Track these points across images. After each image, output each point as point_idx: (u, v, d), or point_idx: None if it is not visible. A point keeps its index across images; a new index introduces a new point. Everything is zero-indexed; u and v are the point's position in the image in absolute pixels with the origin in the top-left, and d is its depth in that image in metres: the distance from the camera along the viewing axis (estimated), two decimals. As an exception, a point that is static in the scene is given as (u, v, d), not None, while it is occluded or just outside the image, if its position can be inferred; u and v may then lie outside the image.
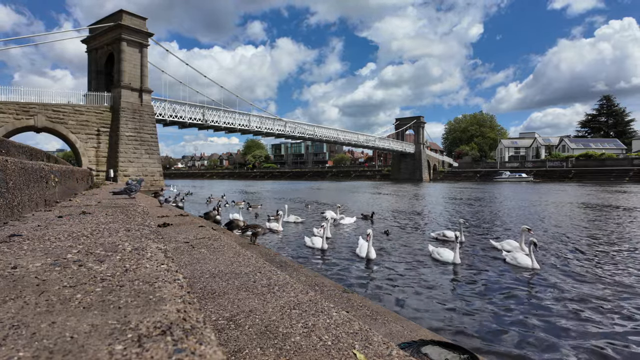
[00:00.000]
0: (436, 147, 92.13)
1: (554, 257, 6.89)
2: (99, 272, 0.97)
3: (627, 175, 50.33)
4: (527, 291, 5.05)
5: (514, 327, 3.85)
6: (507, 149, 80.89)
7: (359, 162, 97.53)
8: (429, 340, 2.18)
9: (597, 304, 4.53)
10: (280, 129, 41.51)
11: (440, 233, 8.60)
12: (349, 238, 8.88)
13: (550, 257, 6.89)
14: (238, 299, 1.75)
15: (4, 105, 22.19)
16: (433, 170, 70.20)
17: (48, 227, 1.75)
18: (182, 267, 2.34)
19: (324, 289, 3.26)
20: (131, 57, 28.21)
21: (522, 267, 6.06)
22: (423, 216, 14.04)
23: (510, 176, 57.91)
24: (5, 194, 1.91)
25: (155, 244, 1.36)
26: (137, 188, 4.05)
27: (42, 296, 0.77)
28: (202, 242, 3.28)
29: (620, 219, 12.50)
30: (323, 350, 1.25)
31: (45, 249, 1.25)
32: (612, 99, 76.99)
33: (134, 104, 28.05)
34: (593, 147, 66.66)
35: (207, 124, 34.13)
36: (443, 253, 6.37)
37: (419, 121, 67.90)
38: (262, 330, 1.39)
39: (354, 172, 79.26)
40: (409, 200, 22.08)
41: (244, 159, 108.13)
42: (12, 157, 2.36)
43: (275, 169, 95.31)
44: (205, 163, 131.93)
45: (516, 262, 6.24)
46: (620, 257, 6.91)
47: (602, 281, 5.47)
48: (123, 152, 26.76)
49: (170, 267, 1.04)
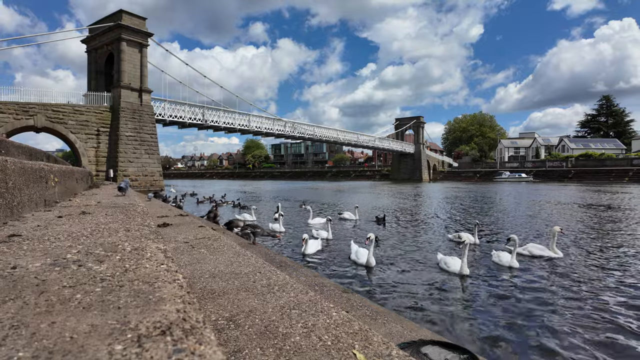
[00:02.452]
0: (436, 147, 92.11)
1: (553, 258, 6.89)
2: (98, 272, 0.97)
3: (627, 175, 50.34)
4: (527, 291, 5.05)
5: (514, 328, 3.85)
6: (506, 149, 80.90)
7: (358, 162, 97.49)
8: (428, 340, 2.18)
9: (597, 302, 4.53)
10: (280, 129, 41.48)
11: (456, 235, 8.53)
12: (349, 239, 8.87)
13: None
14: (238, 299, 1.75)
15: (3, 105, 22.16)
16: (433, 170, 70.19)
17: (48, 227, 1.75)
18: (181, 267, 2.34)
19: (323, 289, 3.26)
20: (131, 57, 28.18)
21: (502, 265, 6.20)
22: (427, 217, 14.04)
23: (510, 176, 57.91)
24: (4, 194, 1.90)
25: (155, 244, 1.36)
26: (127, 186, 5.01)
27: (42, 296, 0.77)
28: (202, 242, 3.28)
29: (631, 220, 12.51)
30: (323, 351, 1.25)
31: (45, 249, 1.25)
32: (612, 99, 77.00)
33: (133, 104, 28.03)
34: (593, 147, 66.66)
35: (207, 124, 34.09)
36: (450, 262, 5.88)
37: (419, 121, 67.88)
38: (262, 331, 1.39)
39: (354, 172, 79.24)
40: (411, 201, 22.07)
41: (243, 159, 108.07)
42: (11, 157, 2.36)
43: (275, 169, 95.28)
44: (205, 163, 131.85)
45: (499, 260, 6.29)
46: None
47: (608, 283, 5.47)
48: (123, 152, 26.75)
49: (170, 267, 1.03)
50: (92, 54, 30.67)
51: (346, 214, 12.75)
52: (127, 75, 27.86)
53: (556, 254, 6.71)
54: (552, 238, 6.90)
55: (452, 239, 8.56)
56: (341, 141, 52.89)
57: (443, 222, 12.48)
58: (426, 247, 8.08)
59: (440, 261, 6.12)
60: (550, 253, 6.73)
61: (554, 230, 6.97)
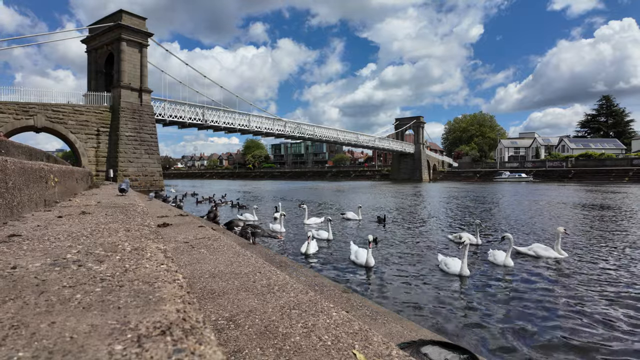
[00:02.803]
0: (436, 147, 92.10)
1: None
2: (98, 272, 0.97)
3: (627, 175, 50.34)
4: (527, 292, 5.05)
5: (514, 327, 3.85)
6: (506, 149, 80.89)
7: (358, 162, 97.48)
8: (428, 340, 2.18)
9: (597, 302, 4.53)
10: (279, 129, 41.47)
11: (457, 235, 8.51)
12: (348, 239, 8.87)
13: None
14: (238, 299, 1.75)
15: (3, 105, 22.15)
16: (433, 170, 70.18)
17: (48, 227, 1.75)
18: (181, 267, 2.34)
19: (323, 289, 3.26)
20: (131, 57, 28.18)
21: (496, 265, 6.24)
22: (427, 217, 14.04)
23: (510, 176, 57.90)
24: (4, 194, 1.90)
25: (155, 244, 1.36)
26: (127, 186, 5.29)
27: (42, 296, 0.77)
28: (202, 242, 3.28)
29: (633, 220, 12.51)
30: (323, 351, 1.25)
31: (45, 249, 1.25)
32: (612, 99, 76.96)
33: (133, 104, 28.02)
34: (592, 147, 66.66)
35: (207, 124, 34.08)
36: (450, 264, 5.85)
37: (419, 121, 67.87)
38: (262, 331, 1.39)
39: (354, 172, 79.22)
40: (410, 201, 22.08)
41: (243, 159, 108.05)
42: (11, 157, 2.36)
43: (275, 169, 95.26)
44: (204, 163, 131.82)
45: (494, 259, 6.34)
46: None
47: (612, 283, 5.47)
48: (123, 152, 26.75)
49: (170, 267, 1.04)
50: (92, 54, 30.67)
51: (349, 213, 12.69)
52: (127, 75, 27.86)
53: (560, 255, 6.73)
54: (557, 239, 6.89)
55: (452, 240, 8.55)
56: (341, 141, 52.87)
57: (443, 222, 12.48)
58: (426, 247, 8.07)
59: (441, 262, 6.08)
60: (555, 253, 6.75)
61: (558, 230, 6.96)
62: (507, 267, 6.10)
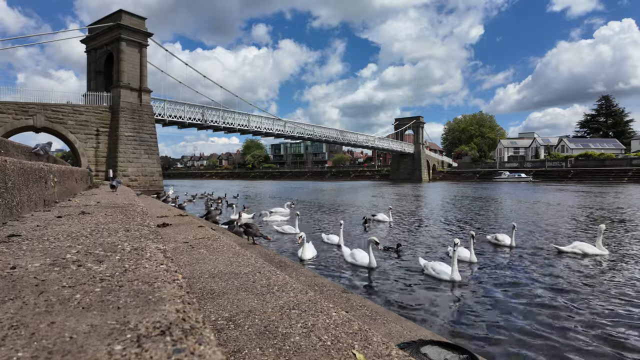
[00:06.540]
0: (435, 147, 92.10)
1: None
2: (98, 272, 0.97)
3: (626, 175, 50.37)
4: (528, 292, 5.05)
5: (514, 328, 3.86)
6: (506, 149, 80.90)
7: (358, 162, 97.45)
8: (428, 340, 2.18)
9: (600, 302, 4.54)
10: (279, 129, 41.46)
11: (494, 236, 8.43)
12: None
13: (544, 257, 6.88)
14: (237, 299, 1.75)
15: (3, 105, 22.13)
16: (432, 170, 70.18)
17: (47, 227, 1.74)
18: (181, 267, 2.34)
19: (323, 289, 3.26)
20: (130, 57, 28.15)
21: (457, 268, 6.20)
22: (427, 217, 14.03)
23: (510, 176, 57.92)
24: (4, 194, 1.90)
25: (154, 244, 1.36)
26: (119, 184, 5.80)
27: (41, 296, 0.77)
28: (202, 242, 3.28)
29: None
30: (322, 351, 1.25)
31: (44, 249, 1.24)
32: (611, 99, 77.04)
33: (133, 104, 28.00)
34: (592, 147, 66.69)
35: (207, 124, 34.07)
36: (438, 269, 5.58)
37: (419, 121, 67.87)
38: (262, 331, 1.39)
39: (354, 172, 79.22)
40: (410, 201, 22.08)
41: (243, 159, 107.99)
42: (11, 157, 2.36)
43: (275, 169, 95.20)
44: (204, 163, 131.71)
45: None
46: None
47: (610, 284, 5.47)
48: (122, 152, 26.72)
49: (170, 267, 1.03)
50: (92, 54, 30.64)
51: (380, 215, 12.37)
52: (126, 75, 27.83)
53: (602, 252, 6.82)
54: (599, 235, 6.96)
55: (490, 241, 8.45)
56: (341, 141, 52.85)
57: (443, 222, 12.49)
58: (426, 247, 8.08)
59: (427, 267, 5.75)
60: (597, 250, 6.84)
61: (600, 227, 7.04)
62: (473, 263, 6.32)
